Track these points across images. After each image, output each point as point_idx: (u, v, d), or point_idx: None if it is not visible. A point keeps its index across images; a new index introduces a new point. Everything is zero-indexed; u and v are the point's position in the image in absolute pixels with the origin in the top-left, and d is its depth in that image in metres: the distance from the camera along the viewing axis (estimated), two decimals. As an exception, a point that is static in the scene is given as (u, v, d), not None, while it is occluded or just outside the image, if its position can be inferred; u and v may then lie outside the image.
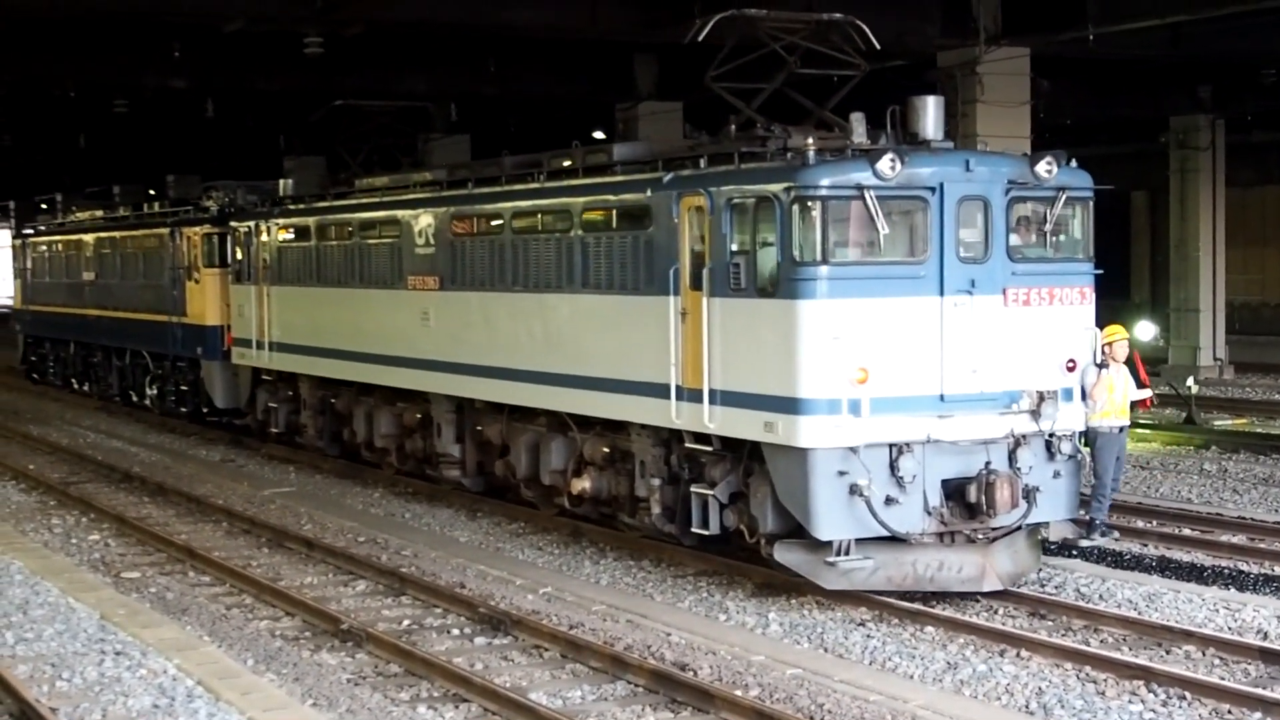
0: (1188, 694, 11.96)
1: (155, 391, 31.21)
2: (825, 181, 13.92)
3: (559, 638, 13.62)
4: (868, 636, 13.77)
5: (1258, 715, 11.48)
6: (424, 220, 20.36)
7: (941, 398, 14.19)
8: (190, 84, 30.98)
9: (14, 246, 43.57)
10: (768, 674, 12.53)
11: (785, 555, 14.36)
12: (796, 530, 14.32)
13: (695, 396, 15.13)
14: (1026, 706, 11.80)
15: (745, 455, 14.97)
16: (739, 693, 11.84)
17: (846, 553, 14.01)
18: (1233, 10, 24.31)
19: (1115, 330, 16.75)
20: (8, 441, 29.33)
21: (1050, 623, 14.23)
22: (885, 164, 13.84)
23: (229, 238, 27.06)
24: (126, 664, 12.63)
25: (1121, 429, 17.02)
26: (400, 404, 21.75)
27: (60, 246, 38.06)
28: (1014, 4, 25.41)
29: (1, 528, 19.45)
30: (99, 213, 36.48)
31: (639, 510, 16.79)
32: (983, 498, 14.08)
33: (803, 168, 14.07)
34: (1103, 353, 16.05)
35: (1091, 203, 15.23)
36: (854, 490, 13.81)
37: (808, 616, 14.53)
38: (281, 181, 26.58)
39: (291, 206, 25.06)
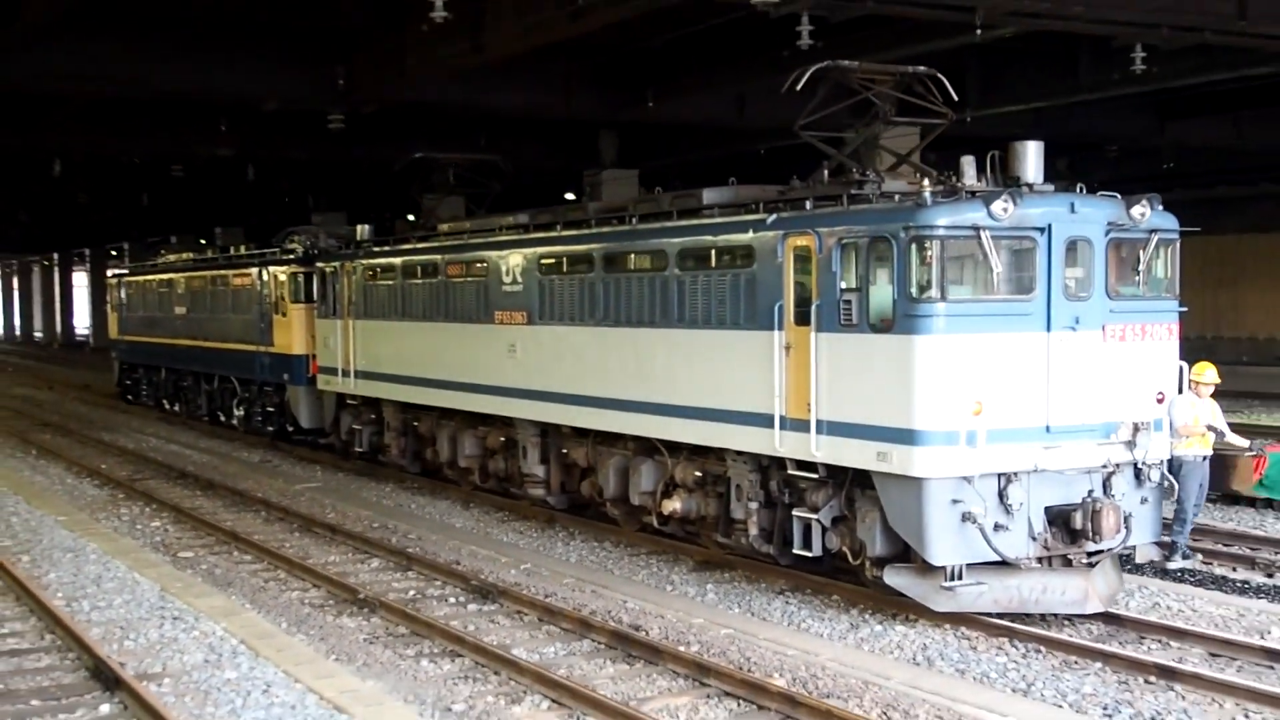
0: (1043, 648, 12.15)
1: (242, 413, 29.95)
2: (943, 221, 12.38)
3: (537, 604, 13.66)
4: (786, 603, 13.83)
5: (1098, 665, 11.68)
6: (512, 260, 18.56)
7: (1048, 429, 12.71)
8: (234, 153, 30.95)
9: (109, 284, 42.89)
10: (705, 634, 12.61)
11: (895, 579, 12.87)
12: (903, 554, 12.94)
13: (800, 426, 13.47)
14: (914, 659, 11.93)
15: (849, 481, 13.40)
16: (682, 649, 11.92)
17: (958, 577, 12.53)
18: (1081, 99, 24.76)
19: (1205, 366, 15.47)
20: (83, 445, 29.15)
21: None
22: (999, 205, 12.46)
23: (314, 276, 25.38)
24: (182, 627, 12.67)
25: (1205, 458, 15.45)
26: (483, 428, 20.01)
27: (154, 284, 36.74)
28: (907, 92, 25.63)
29: (79, 516, 19.39)
30: (190, 254, 35.66)
31: (734, 531, 15.09)
32: (1089, 524, 12.69)
33: (919, 208, 12.52)
34: (1190, 386, 14.82)
35: (1178, 244, 13.70)
36: (967, 517, 12.32)
37: (738, 587, 14.60)
38: (358, 227, 25.31)
39: (376, 249, 23.24)
